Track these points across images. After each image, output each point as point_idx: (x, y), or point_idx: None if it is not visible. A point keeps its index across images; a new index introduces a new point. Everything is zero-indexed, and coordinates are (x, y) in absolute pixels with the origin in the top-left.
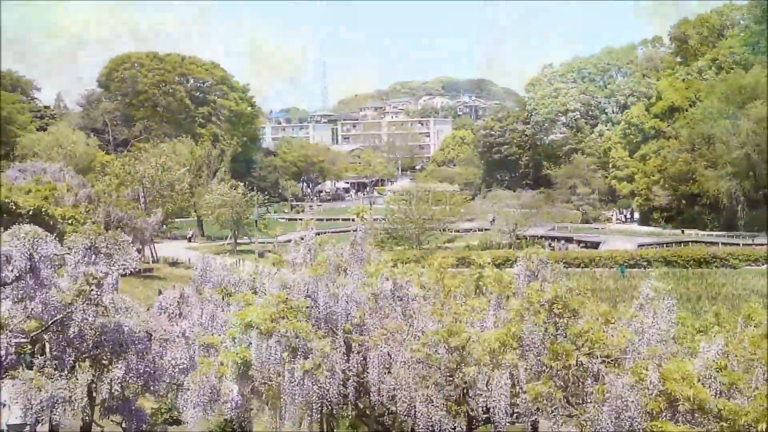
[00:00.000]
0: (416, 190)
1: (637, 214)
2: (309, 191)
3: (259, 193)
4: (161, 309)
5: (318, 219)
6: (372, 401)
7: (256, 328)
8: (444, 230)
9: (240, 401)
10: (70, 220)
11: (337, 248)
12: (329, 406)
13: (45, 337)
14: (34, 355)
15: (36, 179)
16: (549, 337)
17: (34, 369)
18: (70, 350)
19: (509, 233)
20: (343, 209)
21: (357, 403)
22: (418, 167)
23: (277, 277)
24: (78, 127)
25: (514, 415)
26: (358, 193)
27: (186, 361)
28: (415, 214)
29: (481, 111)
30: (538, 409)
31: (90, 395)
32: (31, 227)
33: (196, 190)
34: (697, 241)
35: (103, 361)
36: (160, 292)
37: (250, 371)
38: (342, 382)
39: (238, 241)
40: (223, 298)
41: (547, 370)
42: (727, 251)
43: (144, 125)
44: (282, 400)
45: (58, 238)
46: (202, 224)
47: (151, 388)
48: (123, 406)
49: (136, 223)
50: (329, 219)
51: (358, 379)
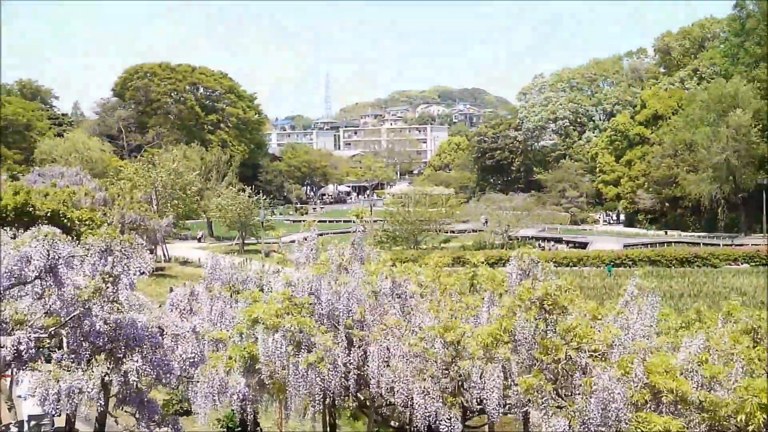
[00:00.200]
0: (414, 194)
1: (622, 216)
2: (312, 194)
3: (265, 196)
4: (173, 306)
5: (321, 220)
6: (372, 393)
7: (263, 324)
8: (440, 231)
9: (247, 393)
10: (87, 222)
11: (338, 248)
12: (331, 398)
13: (63, 332)
14: (53, 349)
15: (53, 183)
16: (539, 333)
17: (53, 362)
18: (87, 344)
19: (502, 234)
20: (345, 211)
21: (358, 394)
22: (415, 171)
23: (282, 276)
24: (94, 133)
25: (507, 406)
26: (359, 196)
27: (196, 355)
28: (412, 216)
29: (475, 118)
30: (529, 400)
31: (105, 387)
32: (50, 229)
33: (206, 194)
34: (679, 242)
35: (118, 355)
36: (172, 290)
37: (256, 365)
38: (344, 375)
39: (246, 241)
40: (231, 296)
41: (537, 364)
42: (708, 251)
43: (156, 132)
44: (287, 391)
45: (75, 239)
46: (212, 225)
47: (163, 380)
48: (136, 397)
49: (149, 225)
50: (331, 220)
51: (358, 372)
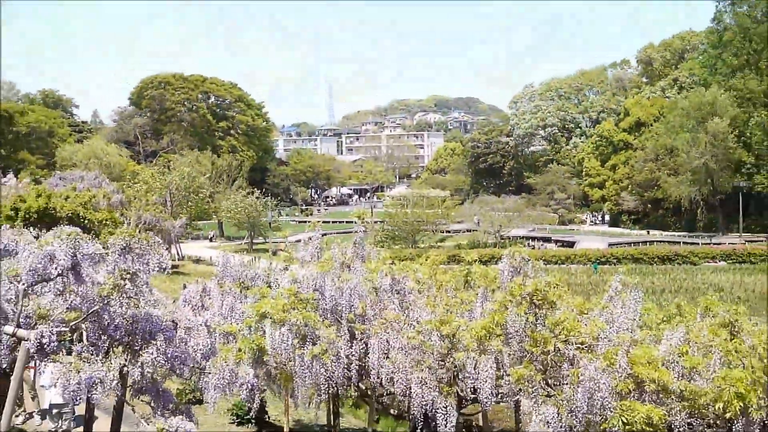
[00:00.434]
0: (412, 196)
1: (607, 217)
2: (317, 196)
3: (272, 198)
4: (186, 301)
5: (325, 221)
6: (372, 383)
7: (270, 318)
8: (436, 231)
9: (256, 383)
10: (106, 222)
11: (341, 247)
12: (335, 387)
13: (83, 326)
14: (73, 342)
15: (73, 186)
16: (530, 326)
17: (74, 354)
18: (105, 337)
19: (494, 234)
20: (347, 213)
21: (359, 384)
22: (413, 175)
23: (289, 273)
24: (112, 139)
25: (499, 395)
26: (361, 198)
27: (208, 348)
28: (410, 216)
29: (469, 125)
30: (520, 390)
31: (122, 377)
32: (72, 229)
33: (217, 196)
34: (661, 241)
35: (135, 347)
36: (185, 286)
37: (264, 356)
38: (346, 366)
39: (254, 240)
40: (240, 292)
41: (528, 356)
42: (688, 250)
43: (170, 138)
44: (293, 381)
45: (94, 238)
46: (222, 226)
47: (177, 371)
48: (152, 387)
49: (164, 226)
50: (335, 221)
51: (360, 363)
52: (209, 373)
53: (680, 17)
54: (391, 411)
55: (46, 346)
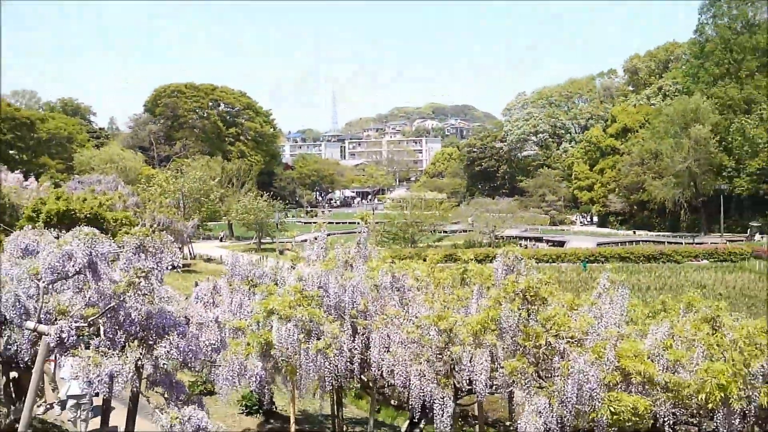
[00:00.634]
0: (411, 198)
1: (596, 218)
2: (321, 199)
3: (279, 201)
4: (197, 298)
5: (329, 222)
6: (374, 375)
7: (277, 314)
8: (434, 231)
9: (263, 375)
10: (122, 221)
11: (344, 247)
12: (338, 380)
13: (100, 321)
14: (91, 337)
15: (91, 189)
16: (522, 321)
17: (92, 348)
18: (122, 332)
19: (489, 234)
20: (350, 214)
21: (361, 376)
22: (412, 179)
23: (295, 271)
24: (127, 145)
25: (493, 386)
26: (363, 200)
27: (218, 342)
28: (410, 218)
29: (465, 131)
30: (513, 381)
31: (138, 370)
32: (90, 229)
33: (227, 199)
34: (646, 241)
35: (149, 342)
36: (197, 284)
37: (271, 350)
38: (349, 359)
39: (262, 240)
40: (249, 289)
41: (520, 349)
42: (672, 249)
43: (183, 144)
44: (299, 374)
45: (111, 238)
46: (232, 227)
47: (189, 364)
48: (165, 379)
49: (177, 226)
50: (338, 222)
51: (362, 356)
52: (220, 366)
53: (665, 29)
54: (392, 402)
55: (66, 340)
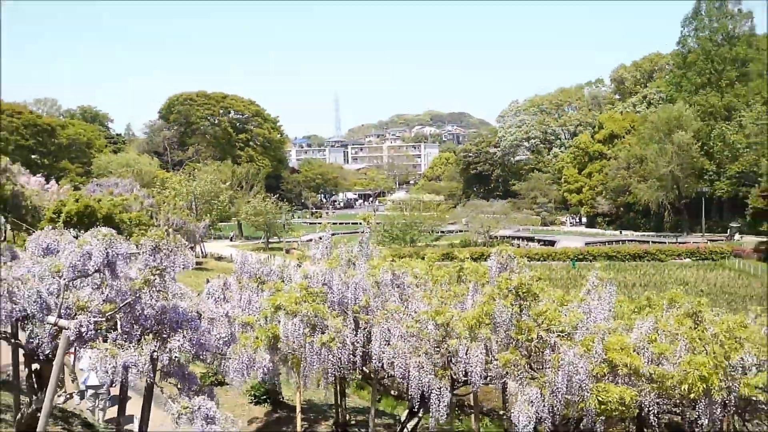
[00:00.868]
0: (410, 200)
1: (584, 219)
2: (325, 201)
3: (286, 203)
4: (209, 294)
5: (333, 223)
6: (375, 367)
7: (284, 310)
8: (432, 231)
9: (271, 367)
10: (137, 222)
11: (347, 246)
12: (341, 371)
13: (117, 316)
14: (109, 331)
15: (110, 191)
16: (515, 316)
17: (109, 341)
18: (137, 327)
19: (484, 234)
20: (353, 215)
21: (363, 368)
22: (411, 182)
23: (301, 269)
24: (143, 150)
25: (488, 377)
26: (365, 202)
27: (228, 336)
28: (409, 219)
29: (461, 137)
30: (507, 373)
31: (152, 362)
32: (108, 229)
33: (236, 201)
34: (632, 240)
35: (164, 336)
36: (208, 281)
37: (279, 344)
38: (351, 352)
39: (270, 240)
40: (257, 286)
41: (513, 342)
42: (656, 248)
43: (195, 149)
44: (304, 366)
45: (127, 238)
46: (241, 227)
47: (201, 356)
48: (178, 370)
49: (189, 227)
50: (342, 223)
51: (363, 349)
52: (230, 358)
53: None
54: (392, 392)
55: (85, 334)
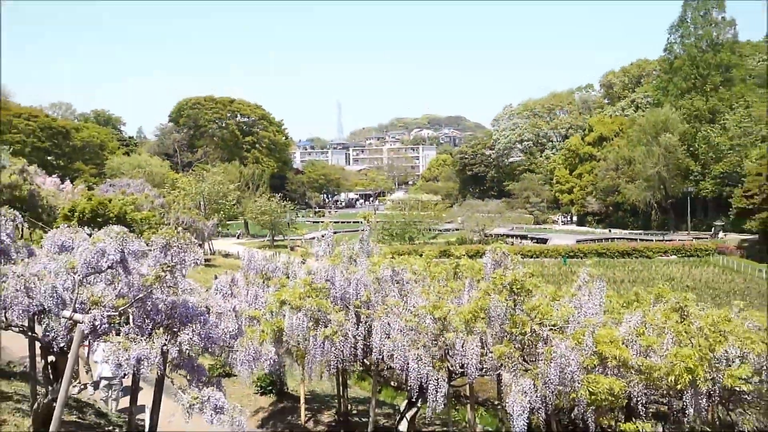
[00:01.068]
0: (409, 200)
1: (575, 218)
2: (328, 200)
3: (290, 202)
4: (217, 290)
5: (335, 222)
6: (375, 359)
7: (289, 304)
8: (430, 230)
9: (276, 359)
10: (148, 221)
11: (349, 244)
12: (343, 363)
13: (130, 311)
14: (122, 324)
15: (122, 191)
16: (509, 311)
17: (122, 335)
18: (149, 321)
19: (479, 232)
20: (354, 214)
21: (364, 360)
22: (410, 182)
23: (304, 266)
24: (154, 152)
25: (483, 369)
26: (365, 202)
27: (235, 330)
28: (408, 217)
29: (457, 140)
30: (501, 365)
31: (163, 354)
32: (121, 228)
33: (243, 201)
34: (620, 238)
35: (174, 329)
36: (216, 277)
37: (283, 337)
38: (353, 345)
39: (275, 238)
40: (263, 282)
41: (508, 336)
42: (644, 245)
43: (204, 151)
44: (308, 358)
45: (139, 236)
46: (248, 225)
47: (209, 349)
48: (188, 363)
49: (198, 225)
50: (343, 222)
51: (365, 342)
52: (237, 351)
53: (637, 47)
54: (392, 383)
55: (98, 327)
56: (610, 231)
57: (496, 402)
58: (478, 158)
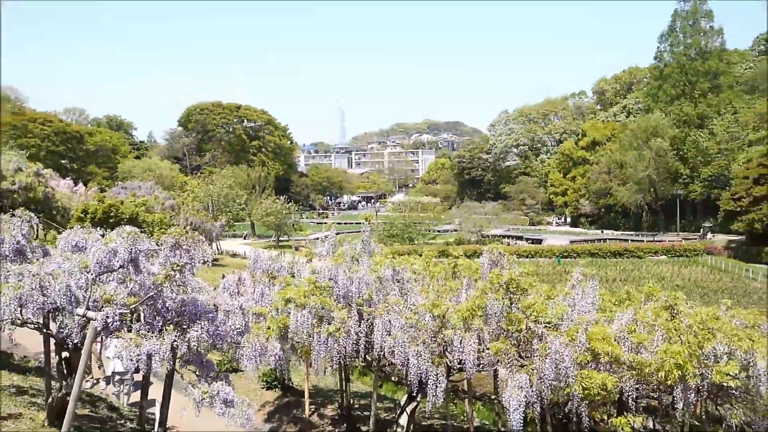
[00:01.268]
0: (409, 202)
1: (569, 219)
2: (331, 202)
3: (295, 204)
4: (224, 288)
5: (338, 223)
6: (377, 355)
7: (294, 302)
8: (429, 231)
9: (281, 355)
10: (158, 222)
11: (351, 244)
12: (345, 359)
13: (141, 308)
14: (133, 322)
15: (133, 194)
16: (506, 309)
17: (133, 331)
18: (159, 318)
19: (476, 233)
20: (356, 216)
21: (366, 356)
22: (410, 185)
23: (309, 265)
24: (164, 156)
25: (481, 365)
26: (367, 204)
27: (242, 327)
28: (408, 219)
29: (456, 144)
30: (498, 361)
31: (173, 350)
32: (132, 228)
33: (250, 203)
34: (612, 239)
35: (183, 326)
36: (224, 276)
37: (288, 334)
38: (355, 342)
39: (280, 238)
40: (269, 281)
41: (504, 333)
42: (635, 246)
43: (212, 154)
44: (312, 354)
45: (149, 236)
46: (254, 226)
47: (217, 346)
48: (197, 358)
49: (207, 226)
50: (346, 223)
51: (366, 339)
52: (244, 347)
53: (628, 55)
54: (392, 378)
55: (111, 324)
56: (602, 232)
57: (493, 396)
58: (475, 162)
